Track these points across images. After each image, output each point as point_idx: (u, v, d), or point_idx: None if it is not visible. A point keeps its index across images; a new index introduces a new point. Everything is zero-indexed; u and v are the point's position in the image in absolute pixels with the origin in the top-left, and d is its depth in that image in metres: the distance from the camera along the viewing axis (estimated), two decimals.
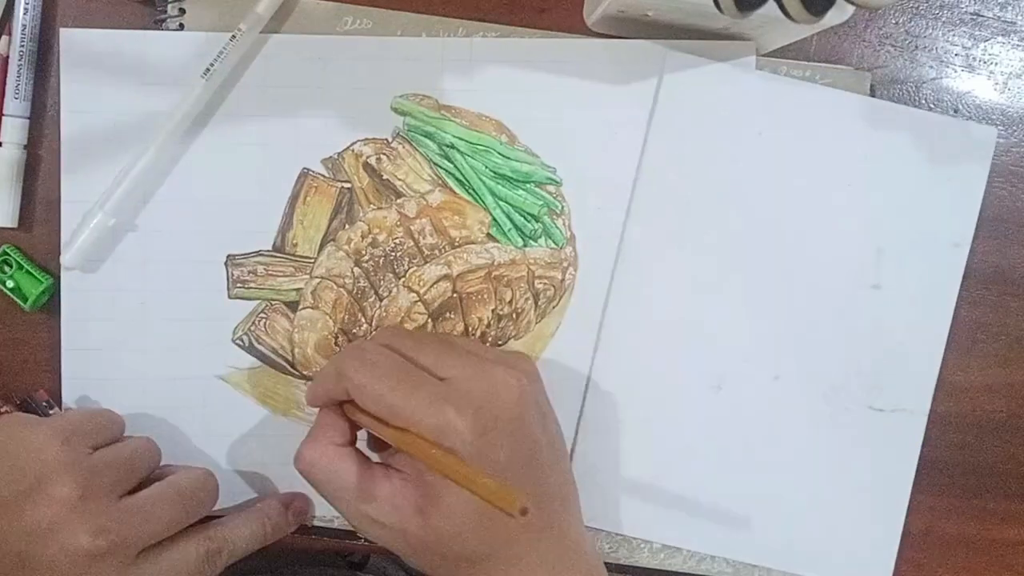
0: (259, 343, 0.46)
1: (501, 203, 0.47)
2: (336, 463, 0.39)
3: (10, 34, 0.45)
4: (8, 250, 0.46)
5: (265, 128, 0.46)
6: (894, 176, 0.47)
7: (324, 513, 0.47)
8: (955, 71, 0.49)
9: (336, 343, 0.47)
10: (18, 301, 0.45)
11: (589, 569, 0.41)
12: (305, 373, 0.47)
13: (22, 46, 0.45)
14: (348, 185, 0.47)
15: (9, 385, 0.47)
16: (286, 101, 0.46)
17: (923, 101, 0.49)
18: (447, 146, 0.47)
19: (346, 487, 0.39)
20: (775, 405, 0.47)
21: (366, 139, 0.46)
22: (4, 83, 0.45)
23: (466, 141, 0.47)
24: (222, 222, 0.46)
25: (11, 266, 0.45)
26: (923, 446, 0.49)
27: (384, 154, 0.47)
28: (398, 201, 0.47)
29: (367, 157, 0.47)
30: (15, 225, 0.46)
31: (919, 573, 0.50)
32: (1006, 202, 0.49)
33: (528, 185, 0.47)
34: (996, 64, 0.49)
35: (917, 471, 0.49)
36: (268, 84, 0.46)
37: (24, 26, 0.45)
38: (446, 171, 0.47)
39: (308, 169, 0.46)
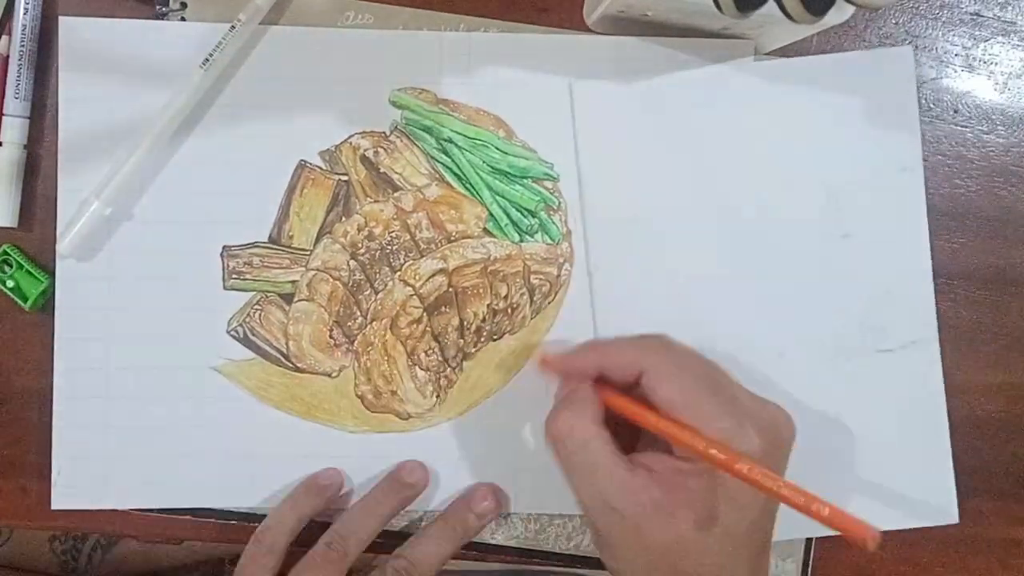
0: (254, 335, 0.46)
1: (498, 198, 0.47)
2: (592, 439, 0.39)
3: (10, 34, 0.45)
4: (8, 250, 0.46)
5: (263, 119, 0.46)
6: (829, 125, 0.47)
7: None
8: (955, 71, 0.49)
9: (331, 336, 0.47)
10: (18, 301, 0.45)
11: None
12: (299, 365, 0.47)
13: (22, 46, 0.45)
14: (345, 178, 0.47)
15: (9, 385, 0.47)
16: (284, 93, 0.46)
17: (923, 101, 0.49)
18: (445, 140, 0.47)
19: (597, 466, 0.38)
20: (787, 381, 0.47)
21: (364, 132, 0.47)
22: (4, 83, 0.45)
23: (464, 136, 0.47)
24: (218, 213, 0.46)
25: (11, 266, 0.45)
26: None
27: (382, 147, 0.47)
28: (395, 195, 0.47)
29: (365, 150, 0.47)
30: (15, 225, 0.46)
31: (919, 573, 0.50)
32: (1006, 202, 0.49)
33: (525, 180, 0.47)
34: (996, 64, 0.49)
35: None
36: (267, 76, 0.46)
37: (24, 26, 0.45)
38: (443, 165, 0.47)
39: (305, 161, 0.46)
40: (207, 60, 0.44)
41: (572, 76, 0.47)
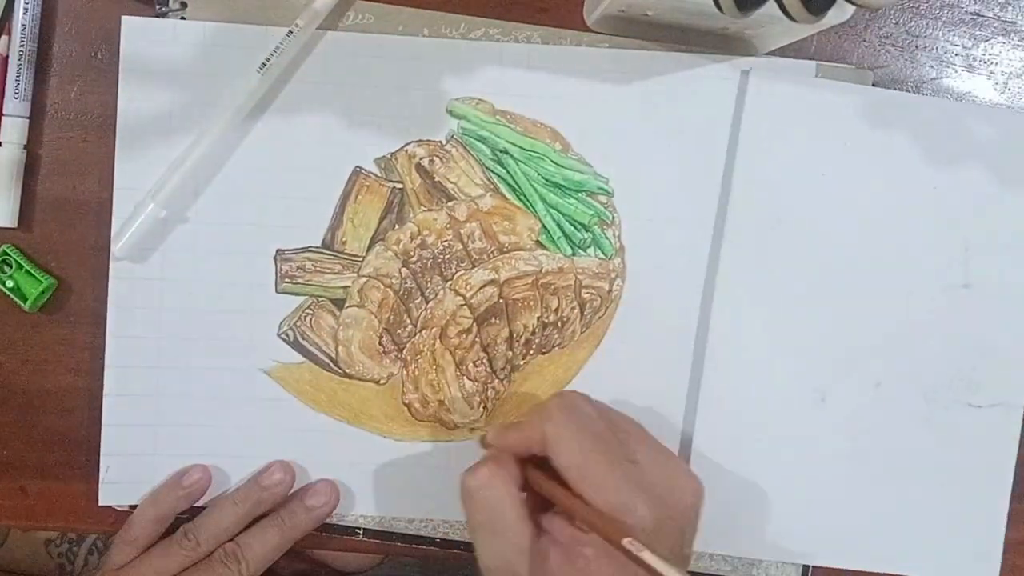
0: (304, 339, 0.47)
1: (552, 211, 0.47)
2: (507, 499, 0.39)
3: (10, 34, 0.45)
4: (8, 250, 0.46)
5: (319, 125, 0.46)
6: (975, 174, 0.47)
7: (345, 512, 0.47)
8: (955, 71, 0.49)
9: (380, 343, 0.47)
10: (18, 301, 0.45)
11: None
12: (348, 371, 0.47)
13: (22, 46, 0.45)
14: (400, 185, 0.47)
15: (9, 385, 0.47)
16: (341, 99, 0.46)
17: None
18: (500, 151, 0.47)
19: (505, 529, 0.38)
20: (879, 411, 0.48)
21: (420, 140, 0.47)
22: (4, 83, 0.45)
23: (520, 147, 0.47)
24: (272, 217, 0.46)
25: (11, 266, 0.45)
26: None
27: (437, 156, 0.47)
28: (449, 204, 0.47)
29: (420, 158, 0.47)
30: (15, 225, 0.46)
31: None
32: None
33: (580, 194, 0.47)
34: (996, 64, 0.49)
35: None
36: (324, 81, 0.46)
37: (24, 26, 0.45)
38: (498, 176, 0.47)
39: (361, 168, 0.46)
40: (264, 64, 0.44)
41: (632, 89, 0.47)
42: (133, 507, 0.46)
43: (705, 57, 0.47)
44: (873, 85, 0.48)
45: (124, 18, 0.45)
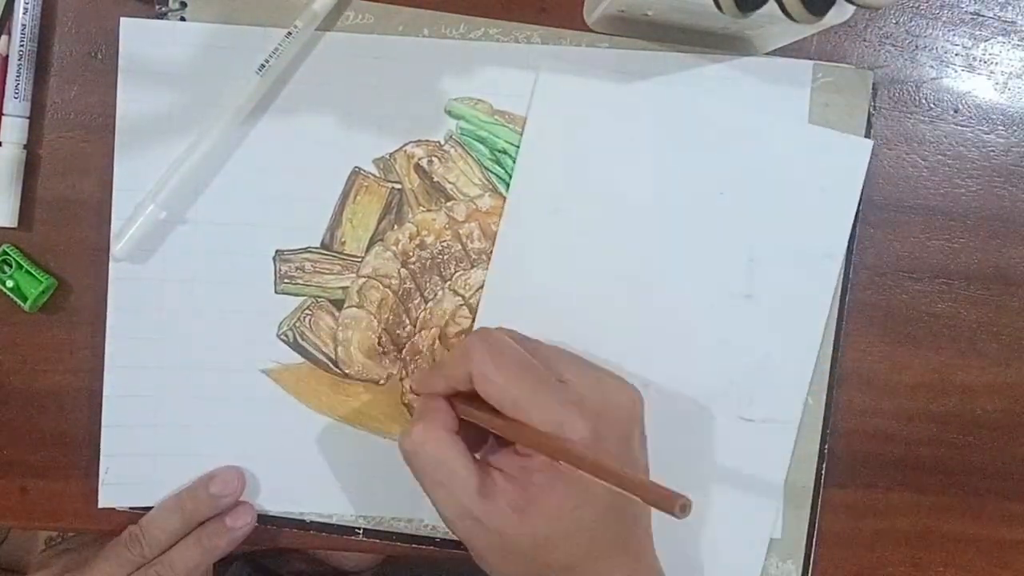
0: (303, 339, 0.47)
1: None
2: (445, 450, 0.39)
3: (10, 34, 0.45)
4: (8, 250, 0.46)
5: (318, 125, 0.46)
6: (769, 185, 0.47)
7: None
8: (955, 71, 0.49)
9: (379, 343, 0.47)
10: (18, 301, 0.45)
11: None
12: (347, 371, 0.47)
13: (22, 46, 0.45)
14: (399, 186, 0.47)
15: (9, 385, 0.47)
16: (340, 99, 0.46)
17: (923, 101, 0.49)
18: (499, 151, 0.47)
19: (451, 477, 0.38)
20: (648, 413, 0.46)
21: (418, 141, 0.47)
22: (4, 83, 0.45)
23: (518, 147, 0.47)
24: (272, 217, 0.46)
25: (11, 266, 0.45)
26: (924, 446, 0.49)
27: (436, 156, 0.47)
28: (448, 204, 0.47)
29: (419, 159, 0.47)
30: (15, 225, 0.46)
31: (918, 573, 0.50)
32: (1006, 202, 0.49)
33: None
34: (996, 64, 0.49)
35: (915, 470, 0.49)
36: (323, 81, 0.46)
37: (24, 26, 0.45)
38: (497, 176, 0.47)
39: (359, 168, 0.46)
40: (263, 65, 0.44)
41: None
42: (133, 508, 0.46)
43: (705, 57, 0.47)
44: (873, 85, 0.48)
45: (123, 19, 0.45)
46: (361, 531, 0.47)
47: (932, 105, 0.49)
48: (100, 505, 0.46)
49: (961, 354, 0.49)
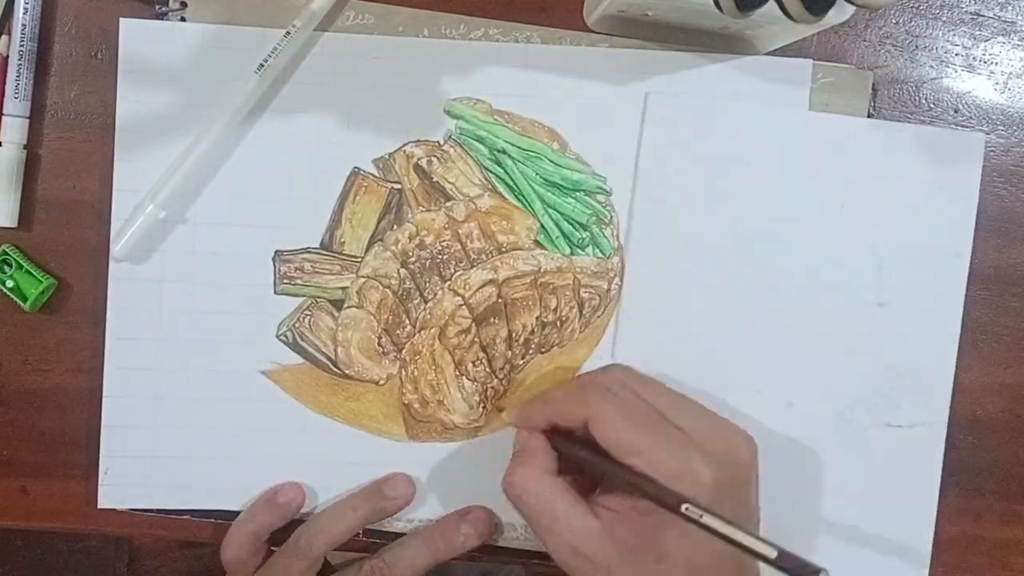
0: (303, 340, 0.47)
1: (550, 210, 0.47)
2: (548, 490, 0.39)
3: (10, 34, 0.45)
4: (8, 250, 0.46)
5: (317, 126, 0.46)
6: (889, 191, 0.47)
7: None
8: (955, 71, 0.49)
9: (379, 343, 0.47)
10: (18, 301, 0.45)
11: None
12: (347, 372, 0.47)
13: (22, 46, 0.45)
14: (398, 186, 0.47)
15: (9, 385, 0.47)
16: (339, 99, 0.46)
17: (923, 101, 0.49)
18: (498, 151, 0.47)
19: (557, 516, 0.39)
20: (792, 432, 0.47)
21: (418, 141, 0.47)
22: (4, 83, 0.45)
23: (518, 147, 0.47)
24: (271, 218, 0.46)
25: (11, 266, 0.45)
26: None
27: (435, 156, 0.47)
28: (447, 204, 0.47)
29: (418, 159, 0.47)
30: (15, 225, 0.46)
31: None
32: (1006, 202, 0.49)
33: (578, 193, 0.47)
34: (996, 64, 0.49)
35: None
36: (322, 81, 0.46)
37: (24, 26, 0.45)
38: (496, 176, 0.47)
39: (359, 168, 0.46)
40: (262, 65, 0.44)
41: (629, 88, 0.47)
42: (133, 509, 0.46)
43: (705, 57, 0.47)
44: (873, 85, 0.48)
45: (122, 20, 0.45)
46: (361, 531, 0.47)
47: (932, 105, 0.49)
48: (100, 506, 0.46)
49: (961, 354, 0.49)
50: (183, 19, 0.45)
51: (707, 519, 0.35)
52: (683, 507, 0.35)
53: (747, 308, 0.47)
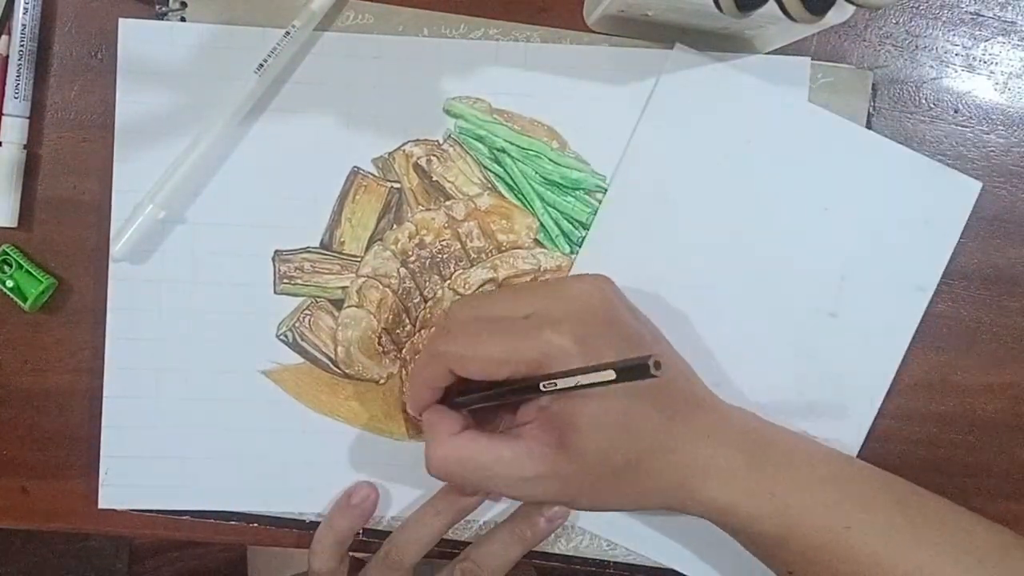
0: (303, 339, 0.47)
1: (550, 209, 0.47)
2: (464, 451, 0.39)
3: (10, 34, 0.45)
4: (8, 250, 0.46)
5: (316, 125, 0.46)
6: (872, 210, 0.47)
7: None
8: (955, 71, 0.49)
9: (379, 343, 0.47)
10: (18, 301, 0.45)
11: (745, 432, 0.41)
12: (347, 371, 0.47)
13: (22, 46, 0.45)
14: (397, 185, 0.47)
15: (9, 385, 0.47)
16: (338, 99, 0.46)
17: (923, 101, 0.49)
18: (498, 150, 0.47)
19: (487, 465, 0.39)
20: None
21: (417, 140, 0.47)
22: (4, 83, 0.45)
23: (517, 146, 0.47)
24: (271, 217, 0.46)
25: (11, 266, 0.45)
26: (924, 446, 0.49)
27: (435, 155, 0.47)
28: (447, 203, 0.47)
29: (418, 158, 0.47)
30: (15, 225, 0.46)
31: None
32: (1006, 202, 0.49)
33: (577, 192, 0.47)
34: (996, 64, 0.49)
35: (915, 470, 0.49)
36: (321, 81, 0.46)
37: (24, 26, 0.45)
38: (496, 175, 0.47)
39: (358, 168, 0.46)
40: (262, 65, 0.44)
41: (629, 87, 0.47)
42: (134, 510, 0.46)
43: (705, 57, 0.47)
44: (873, 85, 0.48)
45: (121, 20, 0.45)
46: (361, 531, 0.47)
47: (932, 105, 0.49)
48: (100, 506, 0.46)
49: (961, 354, 0.49)
50: (183, 19, 0.45)
51: (560, 383, 0.35)
52: (540, 386, 0.36)
53: (704, 283, 0.47)
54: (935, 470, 0.50)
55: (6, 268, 0.45)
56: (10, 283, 0.45)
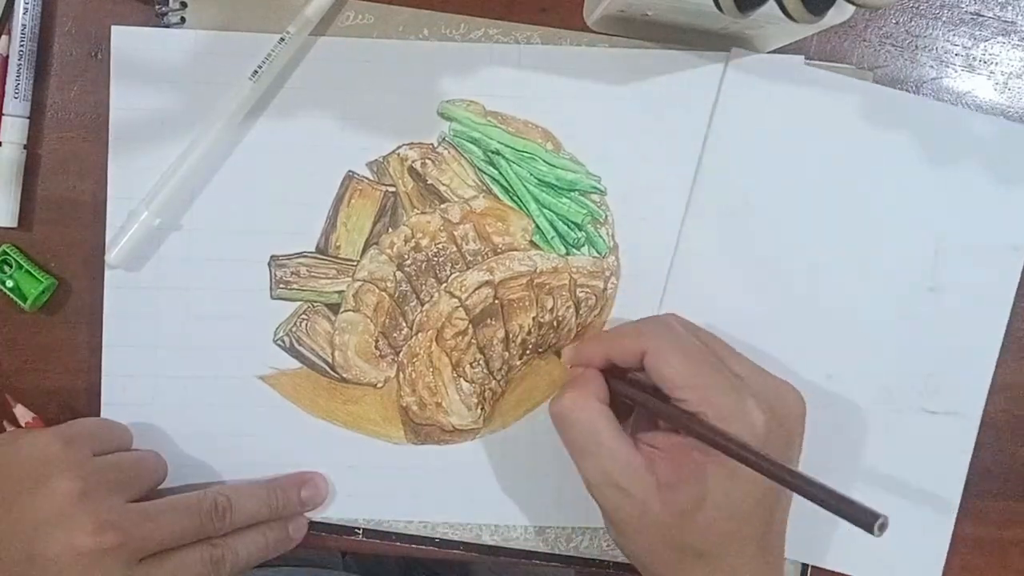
0: (300, 344, 0.47)
1: (545, 210, 0.47)
2: (596, 417, 0.39)
3: (10, 34, 0.45)
4: (8, 250, 0.46)
5: (311, 130, 0.46)
6: (953, 179, 0.47)
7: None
8: (955, 71, 0.49)
9: (376, 346, 0.47)
10: (18, 301, 0.45)
11: None
12: (344, 376, 0.47)
13: (22, 46, 0.45)
14: (393, 189, 0.47)
15: (9, 385, 0.47)
16: (333, 104, 0.46)
17: None
18: (492, 152, 0.47)
19: (601, 442, 0.39)
20: (828, 404, 0.47)
21: (412, 143, 0.47)
22: (4, 83, 0.45)
23: (512, 148, 0.47)
24: (266, 223, 0.46)
25: (11, 266, 0.45)
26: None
27: (429, 159, 0.47)
28: (442, 206, 0.47)
29: (412, 161, 0.47)
30: (15, 225, 0.46)
31: None
32: None
33: (572, 193, 0.47)
34: (996, 64, 0.49)
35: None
36: (315, 86, 0.46)
37: (24, 26, 0.45)
38: (491, 177, 0.47)
39: (353, 172, 0.46)
40: (256, 72, 0.44)
41: (622, 87, 0.46)
42: None
43: (705, 57, 0.47)
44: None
45: (114, 27, 0.45)
46: (361, 531, 0.47)
47: None
48: None
49: None
50: (183, 19, 0.45)
51: (758, 456, 0.35)
52: (732, 444, 0.35)
53: (800, 276, 0.47)
54: None
55: (6, 268, 0.45)
56: (10, 283, 0.45)
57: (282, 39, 0.44)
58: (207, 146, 0.44)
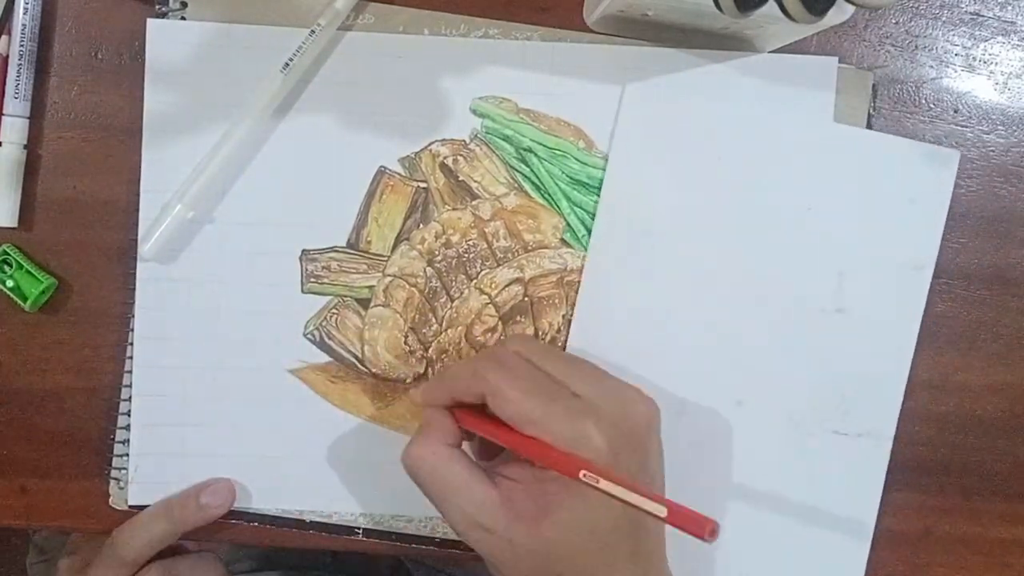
0: (330, 339, 0.47)
1: (576, 209, 0.47)
2: (446, 463, 0.39)
3: (10, 34, 0.45)
4: (8, 250, 0.46)
5: (343, 125, 0.46)
6: (856, 199, 0.47)
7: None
8: (955, 71, 0.49)
9: (406, 342, 0.47)
10: (18, 301, 0.45)
11: None
12: (374, 371, 0.47)
13: (22, 46, 0.45)
14: (424, 185, 0.47)
15: (9, 385, 0.47)
16: (365, 98, 0.46)
17: (923, 101, 0.49)
18: (524, 150, 0.47)
19: (455, 487, 0.39)
20: (739, 430, 0.47)
21: (444, 140, 0.47)
22: (4, 83, 0.45)
23: (544, 145, 0.47)
24: (298, 217, 0.46)
25: (11, 266, 0.45)
26: (924, 446, 0.49)
27: (461, 155, 0.47)
28: (473, 203, 0.47)
29: (444, 158, 0.47)
30: (15, 225, 0.46)
31: (918, 573, 0.50)
32: (1006, 202, 0.49)
33: None
34: (996, 64, 0.49)
35: (915, 470, 0.49)
36: (348, 81, 0.46)
37: (24, 26, 0.45)
38: (522, 175, 0.47)
39: (385, 167, 0.46)
40: (287, 64, 0.44)
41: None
42: (133, 507, 0.46)
43: (705, 57, 0.47)
44: (873, 85, 0.48)
45: (149, 21, 0.45)
46: (361, 531, 0.47)
47: (932, 105, 0.49)
48: (130, 503, 0.46)
49: (961, 354, 0.49)
50: (183, 19, 0.45)
51: (603, 484, 0.35)
52: (581, 473, 0.36)
53: (706, 303, 0.47)
54: (935, 470, 0.50)
55: (6, 268, 0.45)
56: (10, 283, 0.45)
57: (312, 32, 0.44)
58: (239, 139, 0.44)
